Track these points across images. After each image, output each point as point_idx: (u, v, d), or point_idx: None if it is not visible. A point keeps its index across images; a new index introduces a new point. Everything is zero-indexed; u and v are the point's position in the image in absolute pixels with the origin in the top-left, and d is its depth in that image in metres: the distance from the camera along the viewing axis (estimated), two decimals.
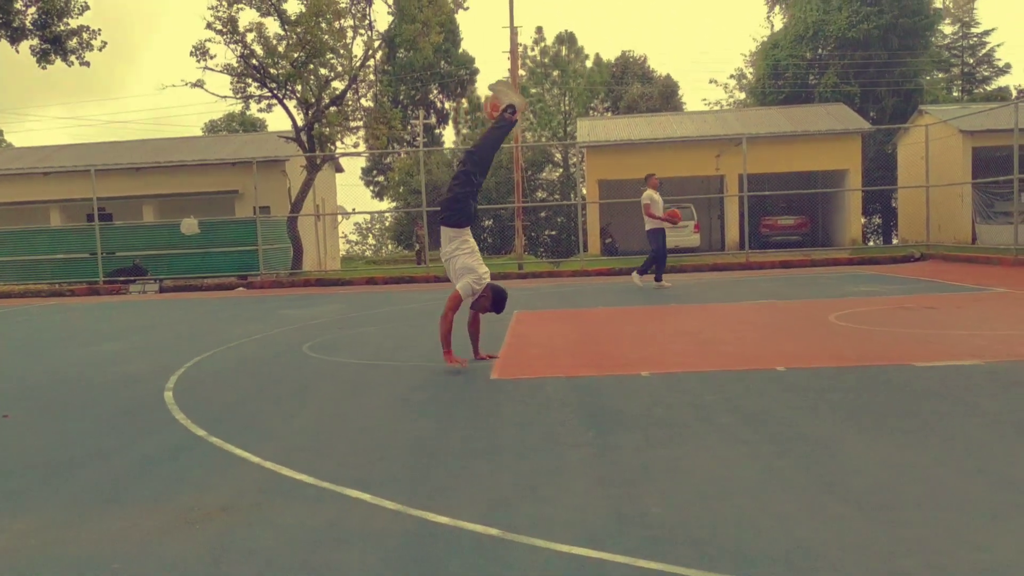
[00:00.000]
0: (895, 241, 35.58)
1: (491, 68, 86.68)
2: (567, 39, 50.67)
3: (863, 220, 40.30)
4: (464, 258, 6.63)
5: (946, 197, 26.06)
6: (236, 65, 23.67)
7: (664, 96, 43.63)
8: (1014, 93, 40.32)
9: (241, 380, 6.66)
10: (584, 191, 32.42)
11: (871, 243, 39.45)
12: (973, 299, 10.29)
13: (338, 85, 24.47)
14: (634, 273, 14.36)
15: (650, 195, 13.99)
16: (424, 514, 3.26)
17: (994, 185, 22.81)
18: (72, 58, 23.45)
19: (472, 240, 6.79)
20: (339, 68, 23.97)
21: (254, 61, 23.48)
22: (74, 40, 23.25)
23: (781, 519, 3.07)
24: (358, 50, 24.50)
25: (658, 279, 13.92)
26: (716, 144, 27.29)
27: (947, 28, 43.19)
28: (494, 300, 6.73)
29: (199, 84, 23.01)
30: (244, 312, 13.02)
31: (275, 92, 23.97)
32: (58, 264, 21.63)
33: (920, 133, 25.39)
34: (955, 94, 43.40)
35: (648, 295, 12.75)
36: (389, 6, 24.49)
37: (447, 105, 50.86)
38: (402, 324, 10.26)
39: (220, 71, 23.79)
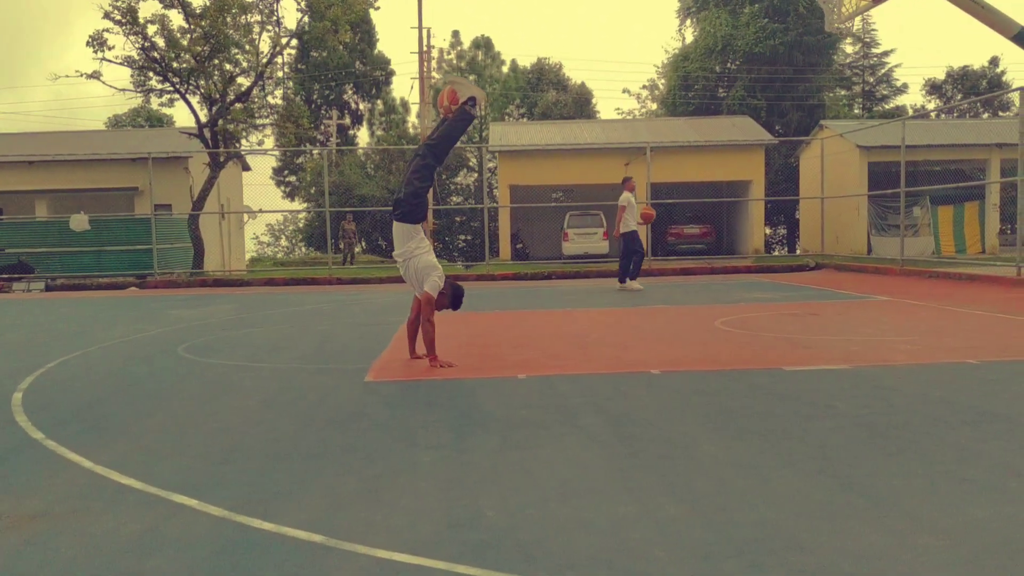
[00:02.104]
0: (799, 251, 36.65)
1: (407, 69, 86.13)
2: (484, 44, 50.69)
3: (768, 231, 41.41)
4: (424, 256, 6.46)
5: (844, 209, 26.93)
6: (137, 57, 22.86)
7: (578, 104, 44.02)
8: (910, 112, 42.05)
9: (102, 382, 6.33)
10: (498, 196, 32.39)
11: (776, 252, 40.52)
12: (855, 306, 10.59)
13: (244, 81, 23.87)
14: (627, 281, 14.15)
15: (627, 198, 14.16)
16: (249, 520, 3.09)
17: (888, 198, 23.66)
18: None
19: (426, 237, 6.61)
20: (244, 64, 23.37)
21: (155, 54, 22.69)
22: None
23: (616, 521, 3.01)
24: (265, 46, 23.95)
25: (621, 281, 14.10)
26: (625, 152, 27.61)
27: (849, 47, 44.80)
28: (452, 297, 6.61)
29: (95, 76, 22.08)
30: (130, 312, 12.50)
31: (177, 87, 23.20)
32: None
33: (820, 147, 26.23)
34: (856, 111, 45.03)
35: (547, 297, 12.75)
36: (298, 3, 24.01)
37: (362, 106, 50.24)
38: (288, 326, 9.99)
39: (120, 63, 22.93)
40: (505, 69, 50.60)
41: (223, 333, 9.30)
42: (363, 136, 51.70)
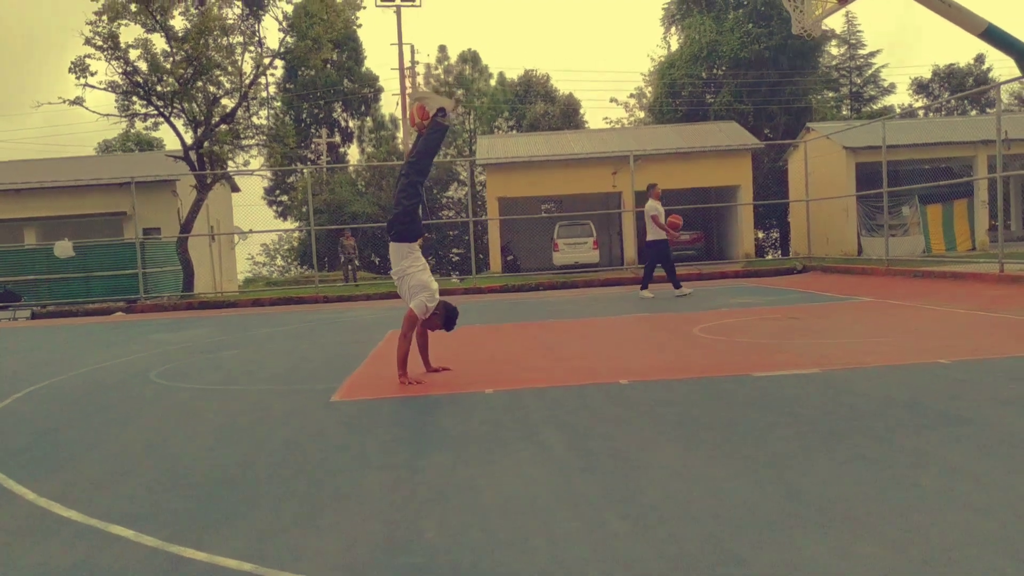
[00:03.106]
0: (791, 254, 36.62)
1: (395, 86, 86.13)
2: (471, 58, 50.82)
3: (761, 235, 41.45)
4: (418, 274, 6.44)
5: (833, 211, 26.93)
6: (120, 82, 22.86)
7: (566, 114, 44.11)
8: (898, 111, 42.16)
9: (64, 411, 6.25)
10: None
11: (769, 256, 40.50)
12: (837, 308, 10.53)
13: (228, 103, 23.86)
14: (641, 291, 14.15)
15: (654, 205, 13.87)
16: (182, 550, 3.03)
17: (876, 199, 23.64)
18: None
19: (422, 256, 6.59)
20: (228, 85, 23.36)
21: (138, 78, 22.69)
22: None
23: (557, 538, 2.94)
24: (248, 67, 23.95)
25: (676, 286, 13.85)
26: (612, 161, 27.63)
27: (835, 50, 44.96)
28: (446, 318, 6.59)
29: (79, 102, 22.04)
30: (111, 337, 12.43)
31: (161, 110, 23.19)
32: None
33: (808, 149, 26.23)
34: (844, 112, 45.13)
35: (531, 309, 12.70)
36: (280, 23, 24.04)
37: (351, 123, 50.32)
38: (264, 347, 9.92)
39: (103, 88, 22.92)
40: (493, 82, 50.74)
41: (199, 357, 9.24)
42: (353, 153, 51.79)
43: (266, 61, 23.84)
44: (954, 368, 5.84)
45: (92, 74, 22.37)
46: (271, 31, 56.97)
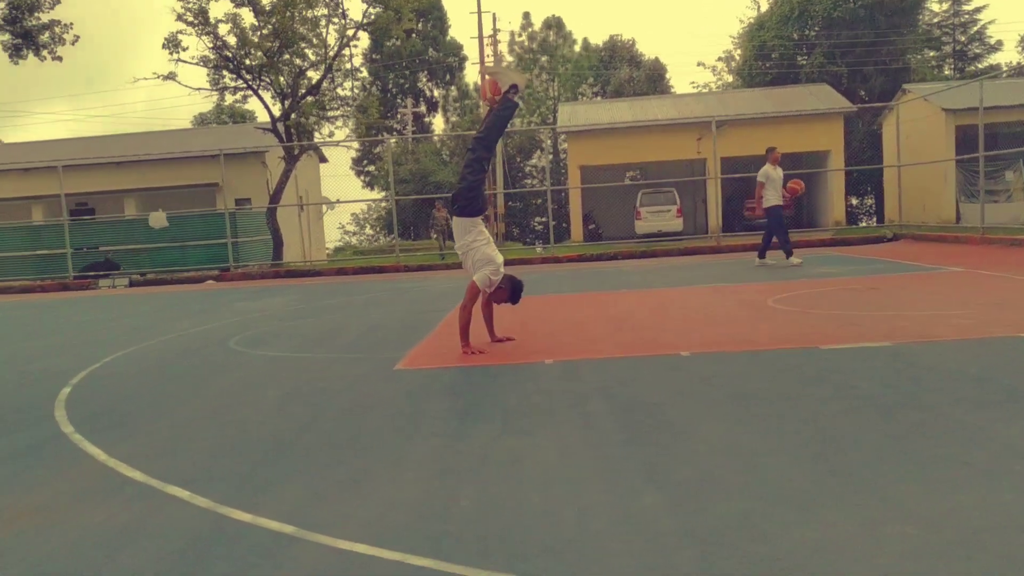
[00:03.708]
0: (886, 221, 35.36)
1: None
2: (555, 24, 50.36)
3: (856, 201, 40.05)
4: (483, 248, 6.53)
5: (930, 177, 25.81)
6: (211, 57, 23.55)
7: (651, 80, 43.35)
8: (1005, 70, 39.94)
9: (145, 376, 6.57)
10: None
11: (863, 224, 39.15)
12: (921, 279, 10.16)
13: (313, 75, 24.33)
14: (763, 258, 13.62)
15: (766, 171, 13.19)
16: (230, 512, 3.18)
17: (976, 163, 22.55)
18: (44, 53, 23.37)
19: (486, 229, 6.69)
20: (313, 57, 23.80)
21: (227, 52, 23.33)
22: (46, 35, 23.15)
23: (585, 511, 2.97)
24: (332, 39, 24.33)
25: (788, 255, 13.21)
26: (697, 127, 27.08)
27: (936, 6, 42.78)
28: (511, 291, 6.68)
29: (171, 77, 22.84)
30: (199, 305, 12.95)
31: (249, 83, 23.81)
32: (35, 260, 21.61)
33: (904, 112, 25.16)
34: (946, 72, 43.01)
35: (607, 278, 12.65)
36: None
37: (436, 93, 50.62)
38: (340, 315, 10.17)
39: (195, 63, 23.67)
40: (577, 48, 50.21)
41: (277, 324, 9.55)
42: (438, 123, 52.13)
43: (349, 32, 24.16)
44: None
45: (184, 49, 23.13)
46: (354, 2, 57.79)
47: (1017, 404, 4.06)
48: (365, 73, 47.22)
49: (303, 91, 23.84)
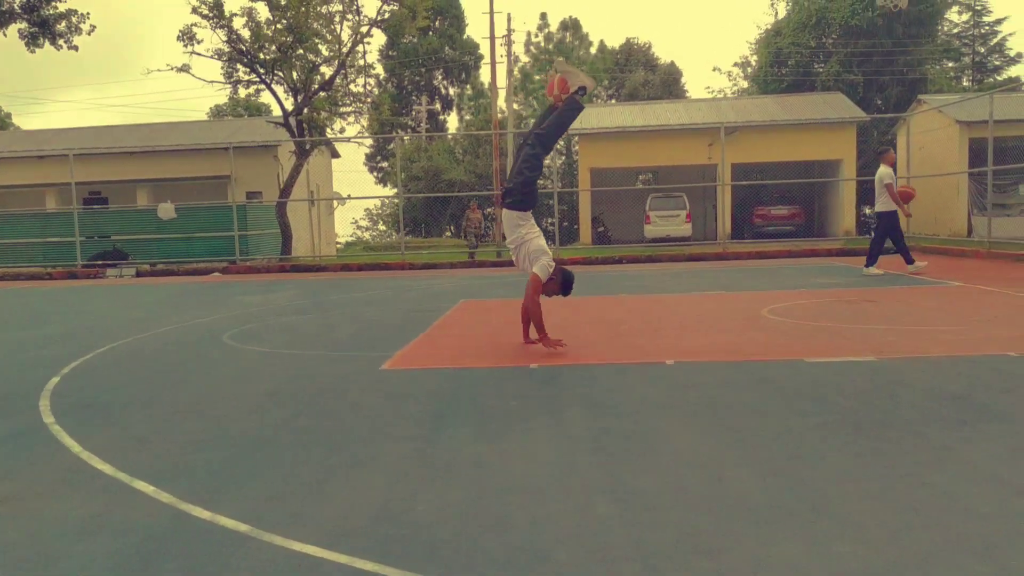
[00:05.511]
0: None
1: (497, 54, 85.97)
2: (571, 25, 50.35)
3: (868, 211, 39.82)
4: (536, 240, 6.58)
5: (943, 189, 25.66)
6: (226, 50, 23.67)
7: (666, 84, 43.26)
8: None
9: (134, 368, 6.63)
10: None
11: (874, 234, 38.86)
12: (919, 292, 10.11)
13: (327, 70, 24.41)
14: (871, 267, 12.86)
15: (887, 172, 12.58)
16: (191, 508, 3.21)
17: (993, 176, 22.38)
18: (60, 42, 23.53)
19: (535, 224, 6.73)
20: (326, 53, 23.89)
21: (241, 46, 23.44)
22: (62, 24, 23.31)
23: (540, 519, 2.99)
24: (346, 35, 24.41)
25: (909, 261, 12.67)
26: (709, 132, 27.00)
27: (955, 16, 42.50)
28: (563, 283, 6.72)
29: (185, 69, 22.97)
30: (201, 298, 13.03)
31: (263, 77, 23.91)
32: (45, 248, 21.79)
33: (919, 123, 25.01)
34: (965, 84, 42.73)
35: (609, 282, 12.65)
36: None
37: (451, 91, 50.67)
38: (338, 312, 10.21)
39: (210, 56, 23.80)
40: (593, 50, 50.16)
41: (274, 320, 9.60)
42: (452, 121, 52.18)
43: (363, 29, 24.22)
44: (1020, 362, 5.56)
45: (199, 42, 23.26)
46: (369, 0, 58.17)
47: (988, 425, 4.05)
48: (380, 70, 47.33)
49: (316, 86, 23.93)
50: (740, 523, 2.90)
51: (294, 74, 23.62)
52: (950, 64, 43.33)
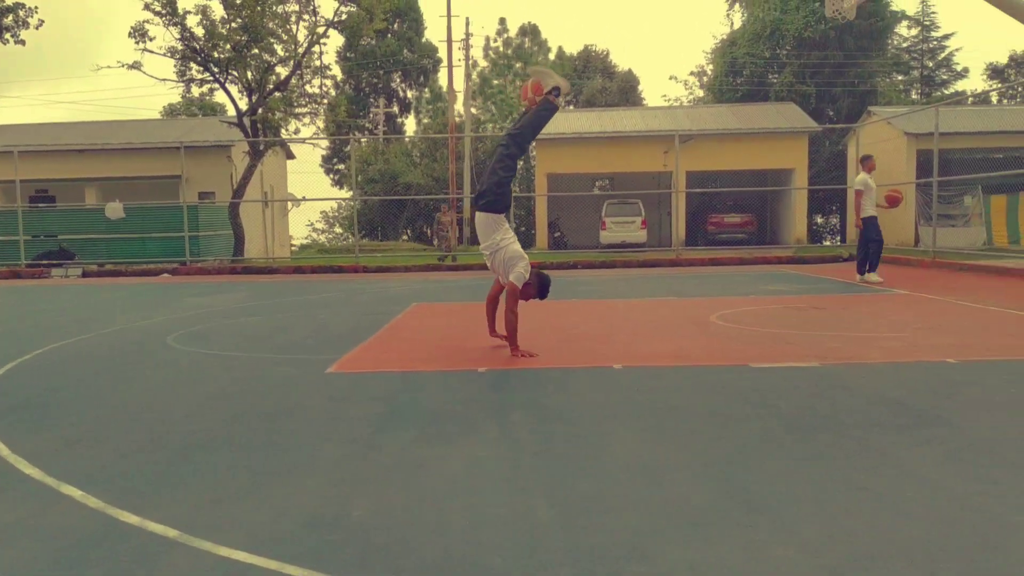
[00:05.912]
0: (850, 241, 35.73)
1: (455, 56, 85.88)
2: (530, 31, 50.47)
3: (821, 220, 40.52)
4: (511, 245, 6.49)
5: None
6: (179, 48, 23.27)
7: (623, 91, 43.56)
8: (970, 97, 40.65)
9: (73, 370, 6.46)
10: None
11: (827, 242, 39.58)
12: (865, 300, 10.28)
13: (282, 70, 24.14)
14: (866, 273, 12.56)
15: (864, 179, 12.54)
16: (120, 513, 3.12)
17: (940, 187, 22.87)
18: (8, 36, 22.98)
19: (510, 227, 6.64)
20: (281, 53, 23.63)
21: (195, 44, 23.08)
22: (9, 17, 22.77)
23: (478, 523, 2.96)
24: (302, 36, 24.16)
25: (872, 269, 12.50)
26: (664, 140, 27.23)
27: (905, 31, 43.45)
28: (540, 287, 6.63)
29: (136, 66, 22.53)
30: (149, 298, 12.77)
31: (217, 76, 23.57)
32: None
33: (867, 134, 25.46)
34: (913, 97, 43.68)
35: (562, 288, 12.65)
36: None
37: (409, 94, 50.47)
38: (287, 315, 10.08)
39: (163, 54, 23.38)
40: (552, 56, 50.31)
41: (220, 322, 9.44)
42: (410, 124, 51.97)
43: (320, 30, 24.00)
44: (958, 368, 5.67)
45: (151, 39, 22.83)
46: (327, 0, 57.85)
47: (924, 430, 4.11)
48: (337, 71, 47.01)
49: (271, 86, 23.65)
50: (676, 527, 2.89)
51: (248, 74, 23.32)
52: (899, 77, 44.25)
